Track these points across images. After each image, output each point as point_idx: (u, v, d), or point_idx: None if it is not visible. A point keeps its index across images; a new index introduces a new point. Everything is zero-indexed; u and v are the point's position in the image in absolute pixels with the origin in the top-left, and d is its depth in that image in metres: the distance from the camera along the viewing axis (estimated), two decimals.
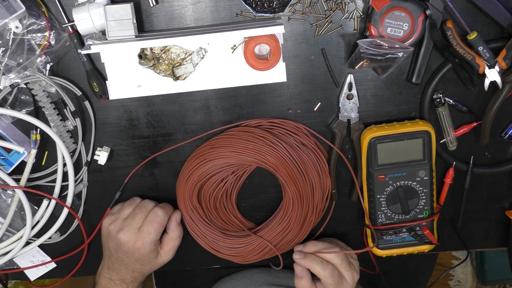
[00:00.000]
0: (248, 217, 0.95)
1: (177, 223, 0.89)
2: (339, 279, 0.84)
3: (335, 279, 0.83)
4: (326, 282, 0.83)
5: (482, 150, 0.91)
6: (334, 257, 0.84)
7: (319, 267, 0.83)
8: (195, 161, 0.87)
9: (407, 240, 0.91)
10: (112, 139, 0.90)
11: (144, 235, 0.85)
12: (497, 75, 0.80)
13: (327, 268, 0.83)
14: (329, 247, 0.86)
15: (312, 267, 0.84)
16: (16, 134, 0.87)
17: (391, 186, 0.87)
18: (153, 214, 0.86)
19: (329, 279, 0.83)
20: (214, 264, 0.98)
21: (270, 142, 0.84)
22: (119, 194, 0.92)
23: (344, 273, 0.84)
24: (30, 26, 0.80)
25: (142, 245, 0.85)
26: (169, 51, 0.81)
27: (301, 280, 0.85)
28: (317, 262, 0.83)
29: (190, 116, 0.88)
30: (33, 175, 0.89)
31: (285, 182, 0.86)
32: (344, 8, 0.81)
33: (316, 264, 0.83)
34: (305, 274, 0.85)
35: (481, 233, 0.97)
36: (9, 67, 0.81)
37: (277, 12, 0.79)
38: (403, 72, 0.85)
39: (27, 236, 0.88)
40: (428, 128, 0.84)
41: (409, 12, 0.77)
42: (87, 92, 0.86)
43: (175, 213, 0.89)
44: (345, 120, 0.87)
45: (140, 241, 0.85)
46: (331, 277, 0.83)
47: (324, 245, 0.86)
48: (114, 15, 0.77)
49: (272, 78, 0.83)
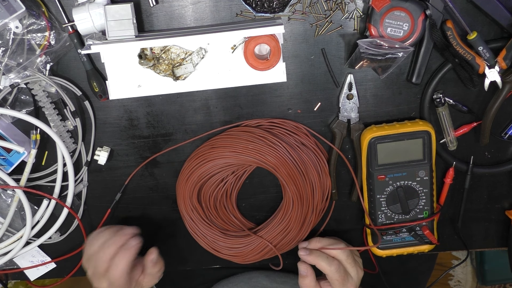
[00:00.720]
0: (248, 217, 0.95)
1: (153, 263, 0.84)
2: (345, 275, 0.83)
3: (341, 275, 0.83)
4: (332, 278, 0.83)
5: (482, 150, 0.91)
6: (340, 253, 0.84)
7: (325, 262, 0.82)
8: (195, 161, 0.87)
9: (407, 240, 0.91)
10: (112, 139, 0.90)
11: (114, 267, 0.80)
12: (497, 75, 0.80)
13: (333, 264, 0.82)
14: (334, 243, 0.85)
15: (318, 263, 0.83)
16: (16, 134, 0.87)
17: (391, 186, 0.87)
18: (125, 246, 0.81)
19: (335, 274, 0.82)
20: (214, 264, 0.98)
21: (270, 142, 0.84)
22: (120, 196, 0.92)
23: (349, 269, 0.84)
24: (30, 26, 0.80)
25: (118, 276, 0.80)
26: (169, 51, 0.81)
27: (305, 279, 0.84)
28: (323, 258, 0.83)
29: (190, 116, 0.88)
30: (33, 175, 0.89)
31: (285, 182, 0.86)
32: (344, 8, 0.81)
33: (322, 260, 0.83)
34: (309, 272, 0.84)
35: (481, 233, 0.97)
36: (9, 67, 0.81)
37: (277, 12, 0.79)
38: (403, 72, 0.85)
39: (27, 236, 0.88)
40: (428, 128, 0.84)
41: (409, 12, 0.77)
42: (87, 92, 0.86)
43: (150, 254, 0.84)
44: (345, 120, 0.87)
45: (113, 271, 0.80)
46: (337, 273, 0.82)
47: (329, 241, 0.85)
48: (114, 15, 0.77)
49: (272, 78, 0.83)
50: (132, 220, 0.95)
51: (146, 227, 0.96)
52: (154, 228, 0.96)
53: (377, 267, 0.95)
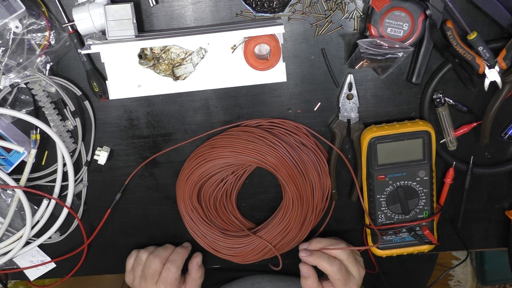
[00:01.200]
0: (248, 217, 0.95)
1: (198, 266, 0.90)
2: (347, 274, 0.83)
3: (343, 275, 0.82)
4: (334, 278, 0.83)
5: (482, 150, 0.91)
6: (341, 253, 0.84)
7: (326, 263, 0.82)
8: (195, 161, 0.87)
9: (407, 240, 0.91)
10: (112, 139, 0.90)
11: None
12: (497, 75, 0.80)
13: (335, 264, 0.82)
14: (334, 244, 0.85)
15: (319, 264, 0.83)
16: (16, 134, 0.87)
17: (391, 186, 0.87)
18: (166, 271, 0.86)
19: (337, 274, 0.82)
20: (214, 264, 0.98)
21: (270, 142, 0.84)
22: (120, 196, 0.92)
23: (351, 268, 0.84)
24: (30, 26, 0.80)
25: None
26: (169, 51, 0.81)
27: (307, 280, 0.84)
28: (324, 258, 0.83)
29: (190, 116, 0.88)
30: (33, 175, 0.89)
31: (285, 182, 0.86)
32: (344, 8, 0.81)
33: (323, 260, 0.83)
34: (311, 273, 0.84)
35: (481, 233, 0.97)
36: (9, 67, 0.81)
37: (277, 12, 0.79)
38: (403, 72, 0.85)
39: (27, 236, 0.88)
40: (428, 128, 0.84)
41: (409, 12, 0.77)
42: (87, 92, 0.86)
43: (195, 256, 0.91)
44: (345, 120, 0.87)
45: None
46: (339, 272, 0.82)
47: (329, 242, 0.86)
48: (114, 15, 0.77)
49: (272, 78, 0.83)
50: (132, 220, 0.95)
51: (146, 227, 0.96)
52: (154, 228, 0.96)
53: (377, 267, 0.95)
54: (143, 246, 0.95)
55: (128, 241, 0.96)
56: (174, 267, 0.86)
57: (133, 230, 0.96)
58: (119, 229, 0.95)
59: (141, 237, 0.96)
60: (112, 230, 0.95)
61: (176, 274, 0.86)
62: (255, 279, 1.01)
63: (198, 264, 0.90)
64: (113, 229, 0.95)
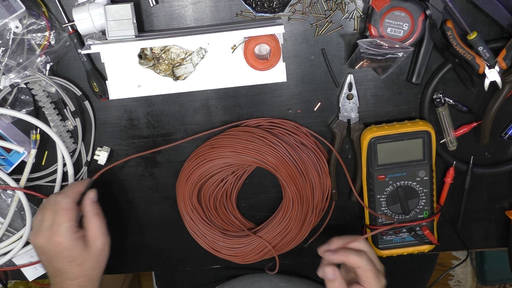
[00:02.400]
0: (248, 217, 0.95)
1: (91, 201, 0.82)
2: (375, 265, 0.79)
3: (373, 265, 0.78)
4: (367, 270, 0.77)
5: (482, 150, 0.91)
6: (364, 246, 0.80)
7: (355, 255, 0.77)
8: (195, 161, 0.87)
9: (407, 240, 0.91)
10: (112, 139, 0.90)
11: (56, 227, 0.78)
12: (497, 75, 0.80)
13: (363, 255, 0.77)
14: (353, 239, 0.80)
15: (348, 258, 0.78)
16: (16, 134, 0.87)
17: (391, 186, 0.87)
18: (53, 204, 0.79)
19: (368, 265, 0.77)
20: (214, 264, 0.98)
21: (270, 142, 0.84)
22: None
23: (374, 260, 0.80)
24: (30, 26, 0.80)
25: (61, 238, 0.77)
26: (169, 51, 0.81)
27: (334, 283, 0.77)
28: (352, 251, 0.78)
29: (190, 116, 0.88)
30: (33, 175, 0.89)
31: (285, 182, 0.86)
32: (344, 8, 0.81)
33: (351, 254, 0.77)
34: (337, 275, 0.77)
35: (481, 233, 0.97)
36: (9, 67, 0.81)
37: (277, 12, 0.79)
38: (403, 72, 0.85)
39: (27, 236, 0.88)
40: (428, 128, 0.84)
41: (409, 12, 0.77)
42: (87, 92, 0.86)
43: (88, 193, 0.82)
44: (345, 120, 0.87)
45: (56, 236, 0.78)
46: (370, 263, 0.77)
47: (348, 238, 0.81)
48: (114, 15, 0.77)
49: (272, 78, 0.83)
50: (132, 220, 0.95)
51: (146, 227, 0.96)
52: (154, 228, 0.96)
53: None
54: (143, 246, 0.95)
55: (128, 241, 0.96)
56: (61, 196, 0.80)
57: (133, 230, 0.96)
58: (119, 229, 0.95)
59: (141, 237, 0.96)
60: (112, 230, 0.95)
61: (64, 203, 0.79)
62: (255, 278, 1.01)
63: (90, 198, 0.82)
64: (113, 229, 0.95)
